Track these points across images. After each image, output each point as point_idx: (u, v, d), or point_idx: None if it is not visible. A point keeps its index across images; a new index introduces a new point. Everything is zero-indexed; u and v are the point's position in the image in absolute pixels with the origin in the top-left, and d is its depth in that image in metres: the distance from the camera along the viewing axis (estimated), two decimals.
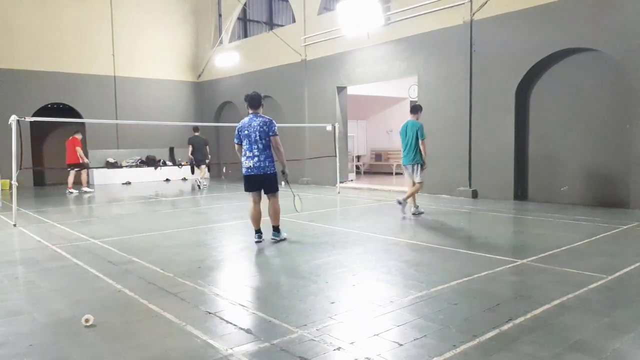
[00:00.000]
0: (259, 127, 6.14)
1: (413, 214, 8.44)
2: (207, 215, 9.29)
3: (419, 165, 8.32)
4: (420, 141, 8.21)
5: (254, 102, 6.31)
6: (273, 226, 6.40)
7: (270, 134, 6.14)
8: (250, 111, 6.34)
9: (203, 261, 5.41)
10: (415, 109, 8.57)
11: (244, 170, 6.27)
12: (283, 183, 6.54)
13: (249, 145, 6.19)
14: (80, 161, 13.52)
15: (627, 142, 8.70)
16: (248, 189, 6.30)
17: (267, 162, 6.16)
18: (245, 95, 6.41)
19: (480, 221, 8.07)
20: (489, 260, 5.18)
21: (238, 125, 6.37)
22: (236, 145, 6.40)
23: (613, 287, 4.21)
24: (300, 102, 15.10)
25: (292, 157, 7.00)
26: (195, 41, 19.47)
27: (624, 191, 8.78)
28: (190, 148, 14.31)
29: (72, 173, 13.61)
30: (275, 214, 6.35)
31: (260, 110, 6.35)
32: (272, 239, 6.37)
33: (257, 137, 6.13)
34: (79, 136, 13.75)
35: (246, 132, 6.21)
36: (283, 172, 6.36)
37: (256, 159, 6.15)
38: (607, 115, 8.98)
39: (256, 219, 6.30)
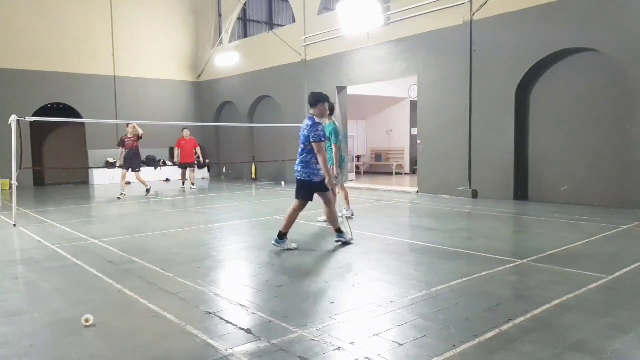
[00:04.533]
0: (302, 130, 5.72)
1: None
2: (207, 215, 9.29)
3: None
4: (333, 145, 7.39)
5: (309, 99, 5.82)
6: (280, 232, 5.86)
7: (311, 139, 5.54)
8: (310, 111, 5.85)
9: (203, 261, 5.41)
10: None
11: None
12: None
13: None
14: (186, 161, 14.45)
15: (627, 142, 8.70)
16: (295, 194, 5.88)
17: (299, 167, 5.73)
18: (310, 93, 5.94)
19: (480, 221, 8.07)
20: (489, 260, 5.19)
21: None
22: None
23: (613, 287, 4.21)
24: (300, 102, 15.08)
25: (292, 157, 7.02)
26: (195, 41, 19.46)
27: (624, 191, 8.77)
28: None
29: (185, 170, 14.71)
30: (291, 222, 5.84)
31: (312, 111, 5.76)
32: (275, 244, 5.88)
33: (300, 140, 5.76)
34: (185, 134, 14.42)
35: (299, 133, 5.85)
36: (323, 183, 5.68)
37: (297, 161, 5.79)
38: (607, 115, 8.98)
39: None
